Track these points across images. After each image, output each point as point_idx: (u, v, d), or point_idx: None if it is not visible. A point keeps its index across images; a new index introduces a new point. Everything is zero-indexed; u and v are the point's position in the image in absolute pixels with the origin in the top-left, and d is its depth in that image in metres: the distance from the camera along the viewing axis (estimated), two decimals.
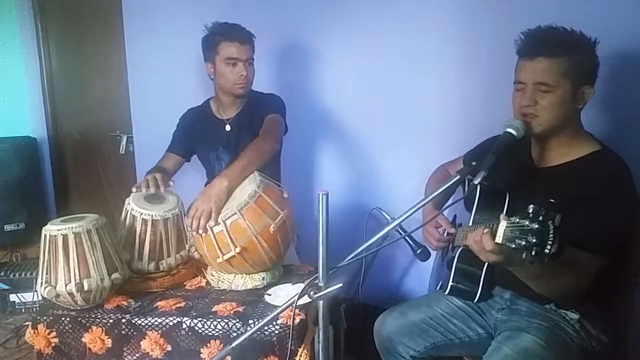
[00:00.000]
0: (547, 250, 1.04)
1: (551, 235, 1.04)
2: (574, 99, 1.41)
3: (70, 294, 1.50)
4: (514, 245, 1.09)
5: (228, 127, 2.14)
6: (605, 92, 1.78)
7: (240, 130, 2.11)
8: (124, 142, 3.20)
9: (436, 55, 2.29)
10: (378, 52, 2.40)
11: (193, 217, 1.64)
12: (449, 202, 1.56)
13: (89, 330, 1.53)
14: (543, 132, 1.44)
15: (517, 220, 1.09)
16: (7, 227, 3.06)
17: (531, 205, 1.07)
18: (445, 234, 1.66)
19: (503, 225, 1.13)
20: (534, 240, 1.04)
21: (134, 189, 1.79)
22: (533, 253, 1.05)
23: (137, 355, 1.53)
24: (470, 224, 1.54)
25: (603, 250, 1.34)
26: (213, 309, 1.55)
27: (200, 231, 1.64)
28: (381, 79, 2.42)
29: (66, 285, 1.49)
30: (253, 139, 1.90)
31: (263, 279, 1.72)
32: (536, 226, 1.05)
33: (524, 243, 1.06)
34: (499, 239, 1.14)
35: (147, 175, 1.87)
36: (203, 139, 2.19)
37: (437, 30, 2.27)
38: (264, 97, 2.17)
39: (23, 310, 2.75)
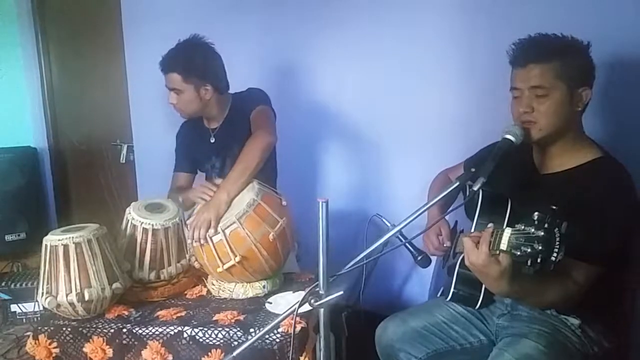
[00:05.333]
0: (553, 258, 1.04)
1: (557, 243, 1.04)
2: (571, 102, 1.41)
3: (71, 304, 1.50)
4: (519, 252, 1.09)
5: (212, 139, 2.11)
6: (607, 96, 1.79)
7: (226, 138, 2.07)
8: (124, 151, 3.20)
9: (435, 61, 2.30)
10: (378, 57, 2.40)
11: (194, 227, 1.65)
12: (451, 208, 1.56)
13: (90, 340, 1.53)
14: (543, 138, 1.44)
15: (523, 227, 1.09)
16: (8, 237, 3.06)
17: (536, 213, 1.07)
18: (443, 245, 1.67)
19: (508, 232, 1.14)
20: (540, 248, 1.05)
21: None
22: (539, 260, 1.05)
23: None
24: (473, 230, 1.54)
25: (601, 259, 1.34)
26: (214, 318, 1.55)
27: (202, 241, 1.64)
28: (381, 85, 2.43)
29: (67, 295, 1.49)
30: (242, 142, 1.84)
31: (264, 287, 1.72)
32: (542, 233, 1.05)
33: (529, 250, 1.06)
34: (503, 245, 1.14)
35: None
36: (197, 150, 2.17)
37: (436, 36, 2.27)
38: (243, 96, 2.11)
39: (24, 320, 2.75)
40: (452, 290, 1.55)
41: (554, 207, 1.09)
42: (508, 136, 1.39)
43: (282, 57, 2.57)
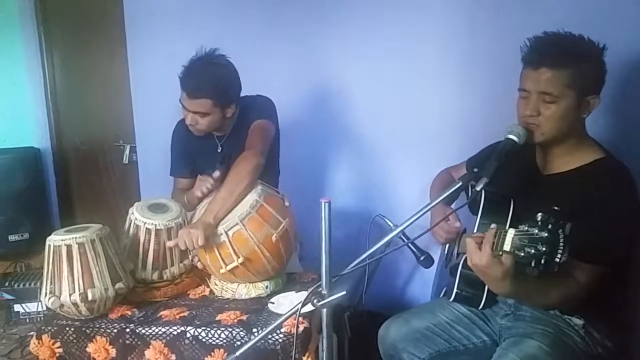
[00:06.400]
0: (557, 259, 1.04)
1: (561, 244, 1.04)
2: (578, 109, 1.39)
3: (75, 304, 1.50)
4: (522, 254, 1.09)
5: (220, 149, 2.06)
6: (610, 98, 1.78)
7: (232, 147, 2.01)
8: (127, 152, 3.21)
9: (437, 62, 2.30)
10: (379, 57, 2.40)
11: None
12: (455, 208, 1.56)
13: (93, 340, 1.53)
14: (545, 141, 1.44)
15: (526, 228, 1.09)
16: (12, 238, 3.07)
17: (539, 214, 1.07)
18: (454, 226, 1.60)
19: (511, 233, 1.13)
20: (544, 249, 1.04)
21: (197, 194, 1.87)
22: (542, 262, 1.05)
23: None
24: (475, 230, 1.54)
25: (604, 259, 1.34)
26: (217, 318, 1.56)
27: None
28: (382, 85, 2.42)
29: (70, 295, 1.49)
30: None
31: (266, 287, 1.72)
32: (546, 234, 1.05)
33: (533, 251, 1.06)
34: (507, 246, 1.14)
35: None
36: (200, 158, 2.11)
37: (438, 37, 2.28)
38: (249, 103, 2.01)
39: (27, 320, 2.76)
40: (455, 290, 1.55)
41: (557, 208, 1.09)
42: (511, 136, 1.38)
43: (283, 57, 2.57)
